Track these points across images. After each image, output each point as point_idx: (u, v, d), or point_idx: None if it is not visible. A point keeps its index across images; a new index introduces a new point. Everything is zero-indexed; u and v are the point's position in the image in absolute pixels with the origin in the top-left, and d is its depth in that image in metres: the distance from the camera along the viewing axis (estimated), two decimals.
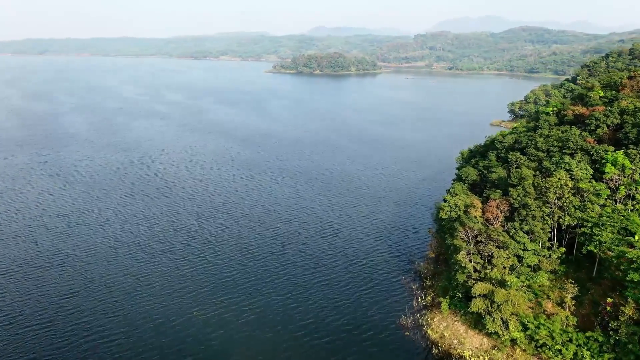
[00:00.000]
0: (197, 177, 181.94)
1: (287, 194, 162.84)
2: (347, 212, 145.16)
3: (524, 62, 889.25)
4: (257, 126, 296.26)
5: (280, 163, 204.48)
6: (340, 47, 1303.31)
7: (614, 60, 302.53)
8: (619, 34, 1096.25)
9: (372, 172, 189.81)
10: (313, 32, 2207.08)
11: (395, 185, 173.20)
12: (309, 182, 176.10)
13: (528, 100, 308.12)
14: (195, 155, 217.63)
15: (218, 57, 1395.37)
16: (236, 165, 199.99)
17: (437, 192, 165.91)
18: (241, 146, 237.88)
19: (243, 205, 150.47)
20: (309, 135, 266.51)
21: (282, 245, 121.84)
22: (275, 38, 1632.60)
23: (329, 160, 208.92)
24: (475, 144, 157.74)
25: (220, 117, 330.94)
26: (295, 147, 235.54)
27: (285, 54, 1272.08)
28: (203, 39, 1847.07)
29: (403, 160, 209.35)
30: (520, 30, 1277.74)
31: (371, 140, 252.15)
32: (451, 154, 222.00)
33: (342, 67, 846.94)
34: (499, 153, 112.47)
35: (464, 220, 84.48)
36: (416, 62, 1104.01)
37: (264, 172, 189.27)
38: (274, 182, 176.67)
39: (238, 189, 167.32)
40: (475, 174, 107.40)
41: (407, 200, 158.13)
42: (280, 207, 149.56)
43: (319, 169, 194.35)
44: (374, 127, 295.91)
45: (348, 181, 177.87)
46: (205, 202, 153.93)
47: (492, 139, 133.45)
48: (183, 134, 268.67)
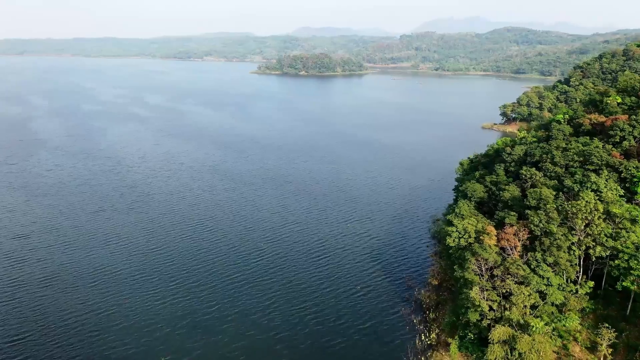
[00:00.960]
0: (174, 189, 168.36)
1: (273, 207, 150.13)
2: (338, 229, 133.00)
3: (510, 63, 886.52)
4: (241, 130, 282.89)
5: (265, 172, 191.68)
6: (326, 47, 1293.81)
7: (608, 61, 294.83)
8: (602, 35, 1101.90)
9: (363, 181, 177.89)
10: (298, 32, 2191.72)
11: (389, 197, 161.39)
12: (296, 194, 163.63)
13: (521, 103, 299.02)
14: (174, 164, 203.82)
15: (202, 58, 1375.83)
16: (218, 175, 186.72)
17: (433, 204, 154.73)
18: (224, 153, 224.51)
19: (224, 223, 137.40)
20: (296, 140, 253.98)
21: (267, 271, 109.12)
22: (260, 38, 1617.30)
23: (317, 168, 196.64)
24: (475, 153, 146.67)
25: (202, 121, 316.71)
26: (282, 153, 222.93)
27: (271, 55, 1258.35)
28: (187, 39, 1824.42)
29: (395, 168, 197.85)
30: (504, 30, 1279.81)
31: (361, 145, 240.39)
32: (445, 160, 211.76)
33: (328, 68, 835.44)
34: (507, 166, 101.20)
35: (477, 250, 72.86)
36: (402, 62, 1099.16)
37: (247, 183, 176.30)
38: (259, 194, 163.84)
39: (219, 203, 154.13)
40: (483, 191, 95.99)
41: (402, 213, 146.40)
42: (265, 223, 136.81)
43: (307, 178, 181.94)
44: (364, 130, 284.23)
45: (338, 192, 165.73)
46: (182, 218, 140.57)
47: (496, 148, 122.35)
48: (162, 140, 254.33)
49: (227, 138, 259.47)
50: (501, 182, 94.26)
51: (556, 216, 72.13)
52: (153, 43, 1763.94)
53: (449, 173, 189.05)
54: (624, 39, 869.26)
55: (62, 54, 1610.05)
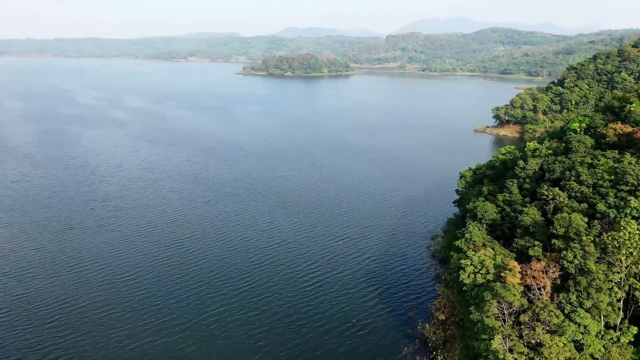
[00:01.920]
0: (151, 203, 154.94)
1: (258, 223, 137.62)
2: (330, 249, 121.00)
3: (496, 63, 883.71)
4: (224, 136, 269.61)
5: (250, 181, 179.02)
6: (312, 48, 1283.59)
7: (603, 62, 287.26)
8: (586, 35, 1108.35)
9: (356, 192, 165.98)
10: (284, 32, 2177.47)
11: (384, 209, 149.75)
12: (283, 206, 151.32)
13: (514, 105, 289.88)
14: (153, 173, 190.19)
15: (186, 59, 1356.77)
16: (199, 185, 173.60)
17: (431, 217, 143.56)
18: (206, 160, 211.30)
19: (204, 243, 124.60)
20: (282, 146, 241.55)
21: (251, 302, 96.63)
22: (246, 39, 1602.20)
23: (306, 177, 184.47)
24: (478, 163, 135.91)
25: (183, 125, 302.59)
26: (267, 160, 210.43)
27: (256, 55, 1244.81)
28: (171, 39, 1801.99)
29: (389, 176, 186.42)
30: (490, 31, 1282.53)
31: (352, 152, 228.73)
32: (440, 166, 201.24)
33: (314, 68, 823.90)
34: (521, 183, 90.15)
35: (499, 291, 61.45)
36: (388, 63, 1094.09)
37: (231, 194, 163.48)
38: (243, 207, 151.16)
39: (200, 219, 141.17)
40: (495, 211, 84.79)
41: (398, 228, 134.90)
42: (250, 243, 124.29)
43: (295, 189, 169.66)
44: (353, 135, 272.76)
45: (329, 204, 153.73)
46: (157, 237, 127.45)
47: (502, 159, 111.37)
48: (141, 146, 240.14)
49: (210, 144, 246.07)
50: (516, 202, 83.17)
51: (593, 250, 61.15)
52: (136, 44, 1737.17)
53: (445, 181, 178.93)
54: (609, 39, 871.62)
55: (44, 55, 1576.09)
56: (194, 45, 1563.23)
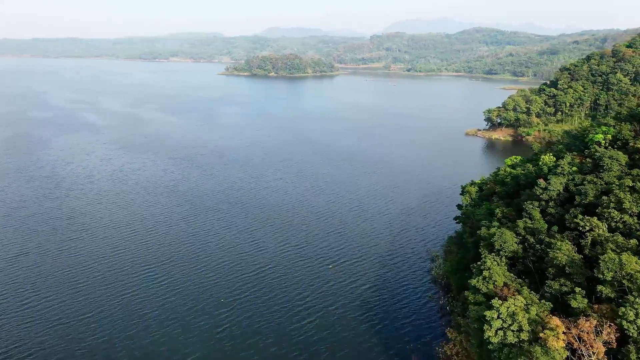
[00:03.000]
0: (122, 220, 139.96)
1: (241, 244, 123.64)
2: (320, 274, 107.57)
3: (481, 64, 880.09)
4: (205, 141, 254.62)
5: (232, 194, 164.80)
6: (296, 48, 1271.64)
7: (597, 62, 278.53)
8: (568, 35, 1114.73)
9: (347, 206, 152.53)
10: (267, 32, 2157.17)
11: (379, 225, 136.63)
12: (269, 223, 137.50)
13: (507, 107, 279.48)
14: (126, 185, 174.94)
15: (168, 59, 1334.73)
16: (176, 199, 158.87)
17: (430, 234, 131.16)
18: (185, 170, 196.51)
19: (179, 270, 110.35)
20: (267, 152, 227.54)
21: (230, 347, 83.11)
22: (229, 39, 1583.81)
23: (293, 189, 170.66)
24: (483, 177, 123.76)
25: (162, 130, 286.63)
26: (251, 170, 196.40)
27: (239, 55, 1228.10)
28: (153, 39, 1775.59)
29: (381, 186, 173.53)
30: (474, 31, 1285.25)
31: (340, 158, 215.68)
32: (434, 174, 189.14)
33: (298, 69, 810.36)
34: (543, 206, 77.81)
35: (539, 357, 48.82)
36: (373, 63, 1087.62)
37: (211, 209, 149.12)
38: (223, 224, 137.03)
39: (175, 239, 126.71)
40: (515, 241, 72.30)
41: (395, 248, 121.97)
42: (231, 269, 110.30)
43: (281, 202, 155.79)
44: (341, 139, 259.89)
45: (318, 220, 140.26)
46: (126, 263, 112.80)
47: (515, 175, 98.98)
48: (115, 154, 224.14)
49: (190, 150, 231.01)
50: (541, 231, 70.79)
51: None
52: (117, 43, 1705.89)
53: (441, 191, 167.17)
54: (593, 39, 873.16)
55: (22, 55, 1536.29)
56: (177, 45, 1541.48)
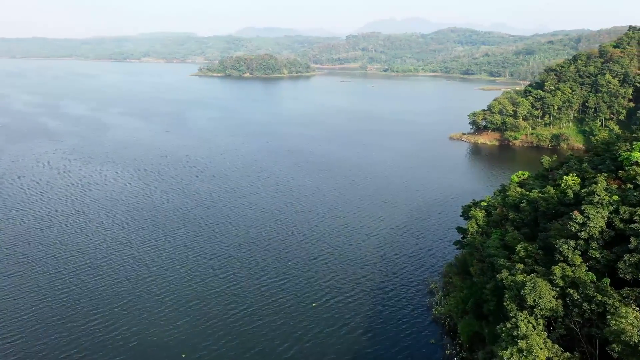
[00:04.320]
0: (72, 248, 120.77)
1: (210, 279, 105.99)
2: (304, 319, 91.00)
3: (458, 64, 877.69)
4: (174, 148, 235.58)
5: (201, 212, 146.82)
6: (271, 48, 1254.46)
7: (584, 63, 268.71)
8: (541, 35, 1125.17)
9: (332, 226, 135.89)
10: (242, 32, 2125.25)
11: (368, 251, 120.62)
12: (244, 250, 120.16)
13: (492, 110, 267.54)
14: (82, 203, 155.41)
15: (140, 59, 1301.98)
16: (139, 219, 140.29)
17: (426, 259, 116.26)
18: (150, 183, 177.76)
19: (133, 316, 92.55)
20: (241, 162, 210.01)
21: None
22: (202, 39, 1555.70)
23: (271, 205, 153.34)
24: (488, 197, 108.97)
25: (127, 137, 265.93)
26: (224, 182, 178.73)
27: (213, 56, 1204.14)
28: (124, 39, 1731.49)
29: (369, 200, 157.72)
30: (449, 31, 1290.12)
31: (322, 167, 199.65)
32: (423, 185, 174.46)
33: (273, 69, 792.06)
34: (582, 246, 62.98)
35: None
36: (349, 63, 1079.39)
37: (177, 232, 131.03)
38: (191, 252, 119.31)
39: (133, 273, 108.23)
40: (552, 295, 57.21)
41: (388, 279, 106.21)
42: (197, 313, 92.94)
43: (257, 223, 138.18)
44: (321, 145, 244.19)
45: (300, 245, 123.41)
46: (70, 306, 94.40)
47: (532, 199, 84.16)
48: (73, 165, 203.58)
49: (156, 160, 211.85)
50: (586, 284, 55.93)
51: None
52: (85, 43, 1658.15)
53: (432, 205, 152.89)
54: (567, 39, 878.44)
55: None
56: (148, 45, 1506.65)
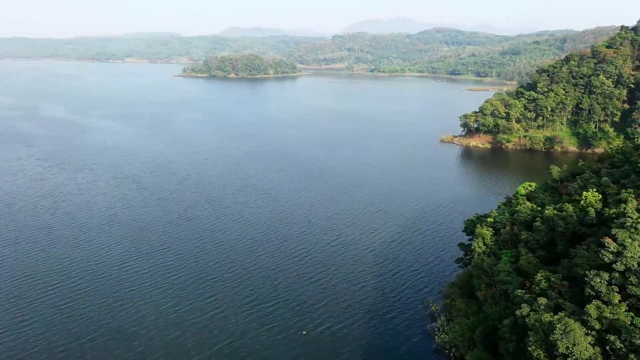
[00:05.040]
0: (41, 266, 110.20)
1: (192, 305, 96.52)
2: (294, 354, 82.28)
3: (444, 64, 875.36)
4: (155, 153, 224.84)
5: (183, 225, 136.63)
6: (256, 48, 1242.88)
7: (576, 64, 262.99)
8: (526, 36, 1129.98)
9: (325, 240, 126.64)
10: (227, 32, 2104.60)
11: (363, 269, 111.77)
12: (227, 269, 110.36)
13: (484, 112, 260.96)
14: (54, 215, 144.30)
15: (123, 60, 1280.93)
16: (115, 234, 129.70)
17: (425, 276, 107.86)
18: (129, 192, 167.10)
19: (110, 346, 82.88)
20: (226, 168, 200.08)
21: None
22: (187, 39, 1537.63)
23: (257, 217, 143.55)
24: (493, 212, 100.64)
25: (106, 141, 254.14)
26: (208, 191, 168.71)
27: (198, 56, 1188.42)
28: (107, 39, 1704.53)
29: (361, 210, 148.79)
30: (434, 31, 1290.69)
31: (310, 173, 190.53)
32: (417, 192, 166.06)
33: (259, 70, 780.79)
34: (617, 279, 54.66)
35: None
36: (335, 63, 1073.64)
37: (156, 249, 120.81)
38: (170, 271, 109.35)
39: (103, 303, 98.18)
40: (588, 341, 48.58)
41: (387, 301, 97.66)
42: (180, 341, 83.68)
43: (243, 238, 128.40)
44: (309, 149, 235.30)
45: (290, 263, 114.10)
46: (38, 337, 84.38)
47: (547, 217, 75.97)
48: (47, 173, 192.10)
49: (136, 167, 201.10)
50: (628, 329, 47.63)
51: None
52: (68, 44, 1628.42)
53: (428, 215, 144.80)
54: (552, 39, 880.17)
55: None
56: (132, 46, 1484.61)
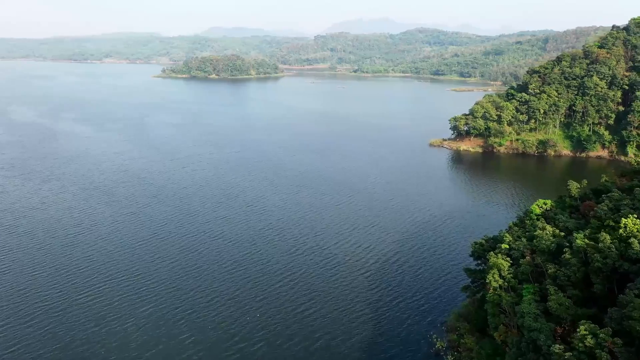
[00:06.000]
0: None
1: (159, 351, 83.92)
2: None
3: (428, 64, 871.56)
4: (129, 161, 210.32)
5: (156, 245, 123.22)
6: (238, 48, 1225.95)
7: (568, 64, 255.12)
8: (508, 36, 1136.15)
9: (315, 262, 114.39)
10: (208, 32, 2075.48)
11: (360, 296, 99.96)
12: (206, 300, 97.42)
13: (475, 115, 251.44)
14: (13, 235, 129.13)
15: (101, 60, 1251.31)
16: (77, 259, 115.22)
17: (427, 307, 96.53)
18: (97, 206, 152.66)
19: None
20: (205, 177, 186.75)
21: None
22: (167, 39, 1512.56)
23: (238, 234, 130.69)
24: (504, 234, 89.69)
25: (78, 147, 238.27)
26: (184, 203, 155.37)
27: (178, 56, 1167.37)
28: (85, 39, 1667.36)
29: (352, 225, 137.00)
30: (417, 31, 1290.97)
31: (296, 182, 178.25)
32: (409, 203, 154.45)
33: (240, 70, 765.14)
34: None
35: None
36: (318, 64, 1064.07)
37: (125, 275, 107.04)
38: (140, 302, 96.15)
39: (60, 344, 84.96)
40: None
41: (388, 337, 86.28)
42: None
43: (224, 259, 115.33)
44: (293, 155, 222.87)
45: (277, 292, 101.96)
46: None
47: (577, 247, 65.15)
48: (9, 184, 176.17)
49: (108, 176, 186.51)
50: None
51: None
52: (44, 43, 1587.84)
53: (424, 230, 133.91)
54: (535, 40, 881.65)
55: None
56: (110, 46, 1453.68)
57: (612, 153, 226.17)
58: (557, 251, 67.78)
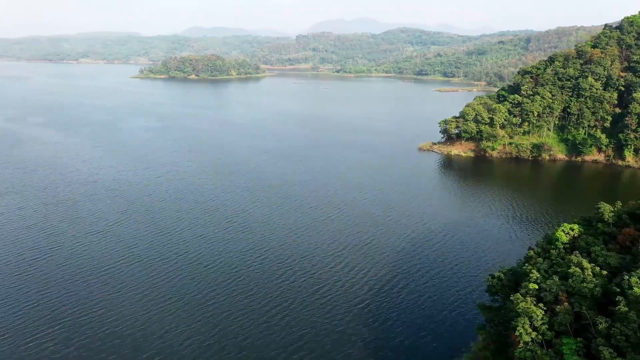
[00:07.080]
0: None
1: None
2: None
3: (411, 64, 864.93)
4: (99, 171, 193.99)
5: (123, 273, 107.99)
6: (218, 48, 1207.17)
7: (561, 65, 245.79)
8: (489, 36, 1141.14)
9: (302, 287, 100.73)
10: (188, 32, 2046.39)
11: (356, 333, 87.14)
12: (177, 344, 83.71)
13: (466, 118, 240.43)
14: None
15: (78, 60, 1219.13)
16: (30, 290, 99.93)
17: (433, 351, 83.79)
18: (60, 223, 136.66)
19: None
20: (181, 189, 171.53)
21: None
22: (146, 38, 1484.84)
23: (217, 256, 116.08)
24: (535, 273, 77.42)
25: (44, 155, 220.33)
26: (158, 219, 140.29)
27: (157, 56, 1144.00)
28: (60, 39, 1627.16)
29: (348, 244, 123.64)
30: (399, 31, 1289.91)
31: (279, 194, 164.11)
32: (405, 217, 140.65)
33: (221, 70, 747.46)
34: None
35: None
36: (300, 64, 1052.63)
37: (84, 310, 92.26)
38: (99, 347, 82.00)
39: None
40: None
41: None
42: None
43: (203, 287, 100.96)
44: (278, 163, 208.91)
45: (261, 336, 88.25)
46: None
47: (603, 285, 53.08)
48: None
49: (74, 188, 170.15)
50: None
51: None
52: (18, 43, 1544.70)
53: (423, 249, 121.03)
54: (517, 39, 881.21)
55: None
56: (87, 46, 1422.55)
57: (609, 157, 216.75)
58: (603, 297, 55.43)
